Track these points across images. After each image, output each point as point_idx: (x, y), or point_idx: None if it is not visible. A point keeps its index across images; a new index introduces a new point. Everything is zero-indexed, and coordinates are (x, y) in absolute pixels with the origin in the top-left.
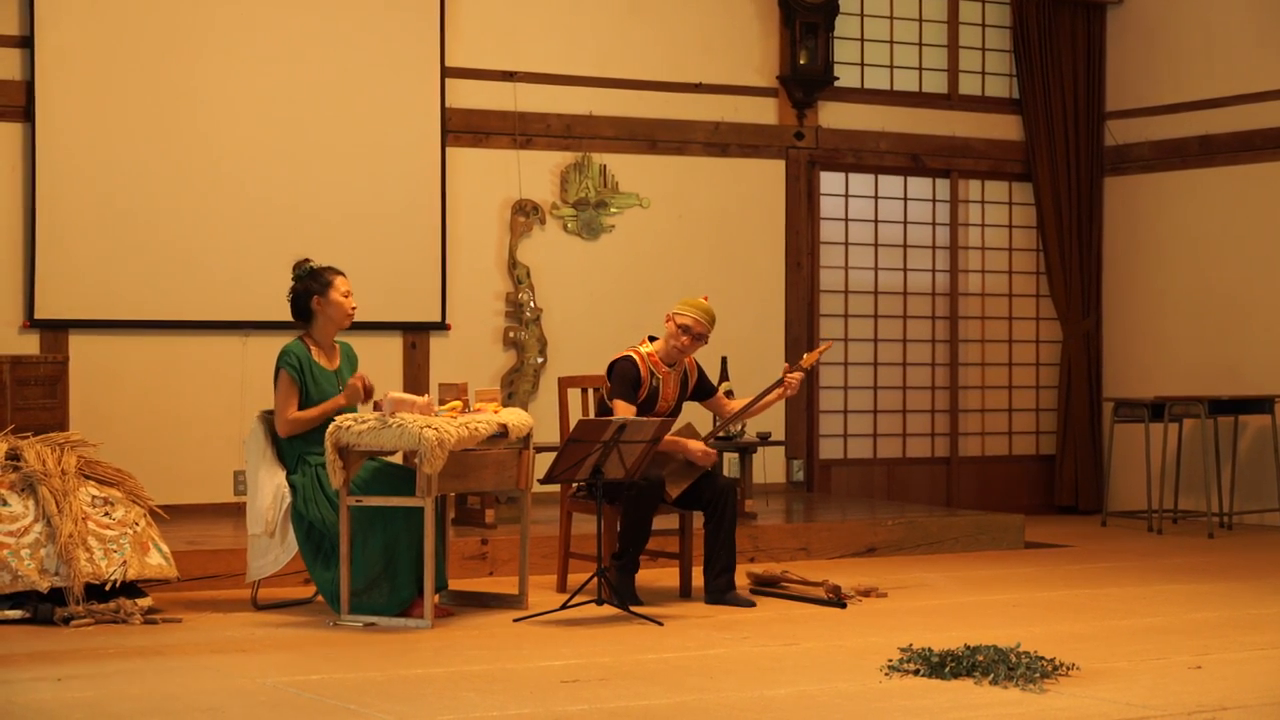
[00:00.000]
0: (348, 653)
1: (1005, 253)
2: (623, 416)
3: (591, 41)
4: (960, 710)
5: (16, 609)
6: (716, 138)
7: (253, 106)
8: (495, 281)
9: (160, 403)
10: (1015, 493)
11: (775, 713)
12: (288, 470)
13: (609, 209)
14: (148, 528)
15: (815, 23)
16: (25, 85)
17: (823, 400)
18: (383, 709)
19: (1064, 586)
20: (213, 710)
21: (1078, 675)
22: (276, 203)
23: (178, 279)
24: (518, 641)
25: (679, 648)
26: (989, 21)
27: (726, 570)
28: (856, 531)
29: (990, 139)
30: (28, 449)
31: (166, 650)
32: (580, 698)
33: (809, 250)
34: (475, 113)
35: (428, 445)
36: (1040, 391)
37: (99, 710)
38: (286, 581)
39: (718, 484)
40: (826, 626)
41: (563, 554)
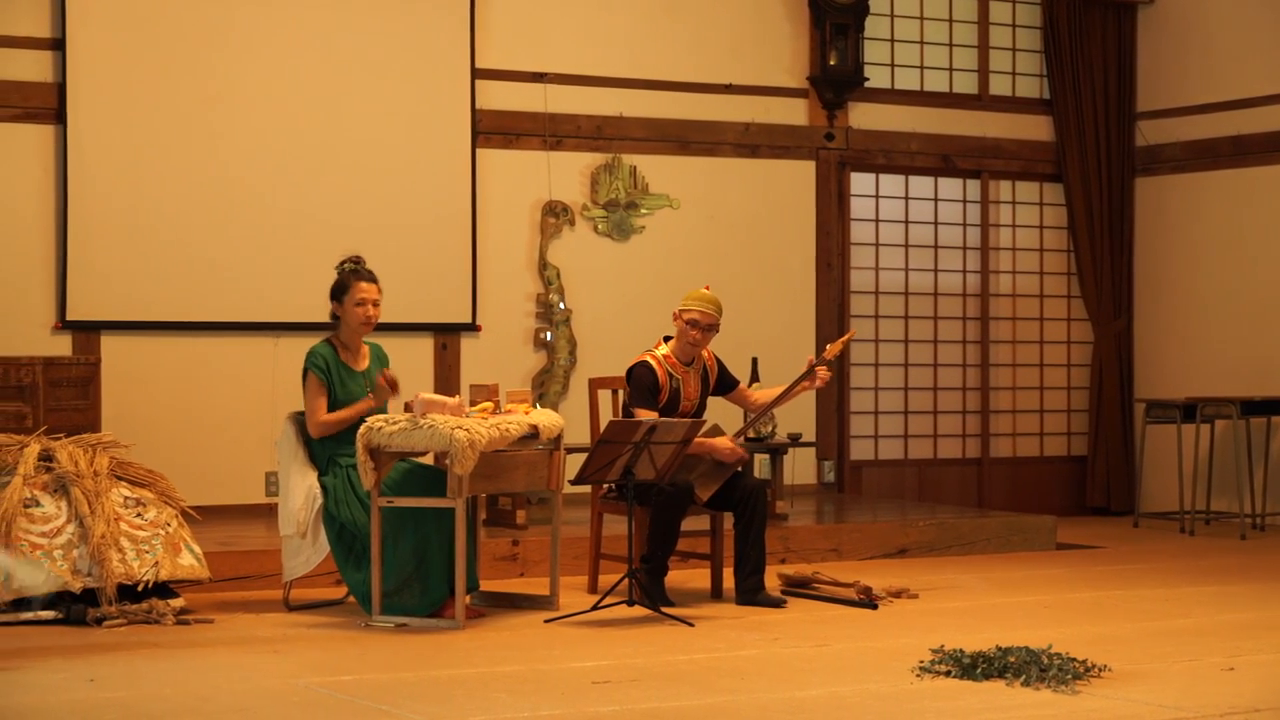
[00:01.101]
0: (379, 653)
1: (1036, 253)
2: (653, 417)
3: (622, 43)
4: (992, 712)
5: (49, 609)
6: (747, 139)
7: (284, 108)
8: (526, 283)
9: (192, 404)
10: (1047, 494)
11: (806, 714)
12: (319, 471)
13: (639, 210)
14: (180, 528)
15: (845, 23)
16: (56, 87)
17: (854, 401)
18: (414, 709)
19: (1096, 588)
20: (244, 711)
21: (1110, 677)
22: (307, 204)
23: (209, 280)
24: (549, 642)
25: (710, 649)
26: (1019, 22)
27: (757, 571)
28: (888, 533)
29: (1021, 139)
30: (60, 450)
31: (199, 651)
32: (611, 699)
33: (839, 251)
34: (506, 114)
35: (459, 446)
36: (1072, 392)
37: (131, 710)
38: (318, 582)
39: (748, 485)
40: (858, 628)
41: (594, 555)
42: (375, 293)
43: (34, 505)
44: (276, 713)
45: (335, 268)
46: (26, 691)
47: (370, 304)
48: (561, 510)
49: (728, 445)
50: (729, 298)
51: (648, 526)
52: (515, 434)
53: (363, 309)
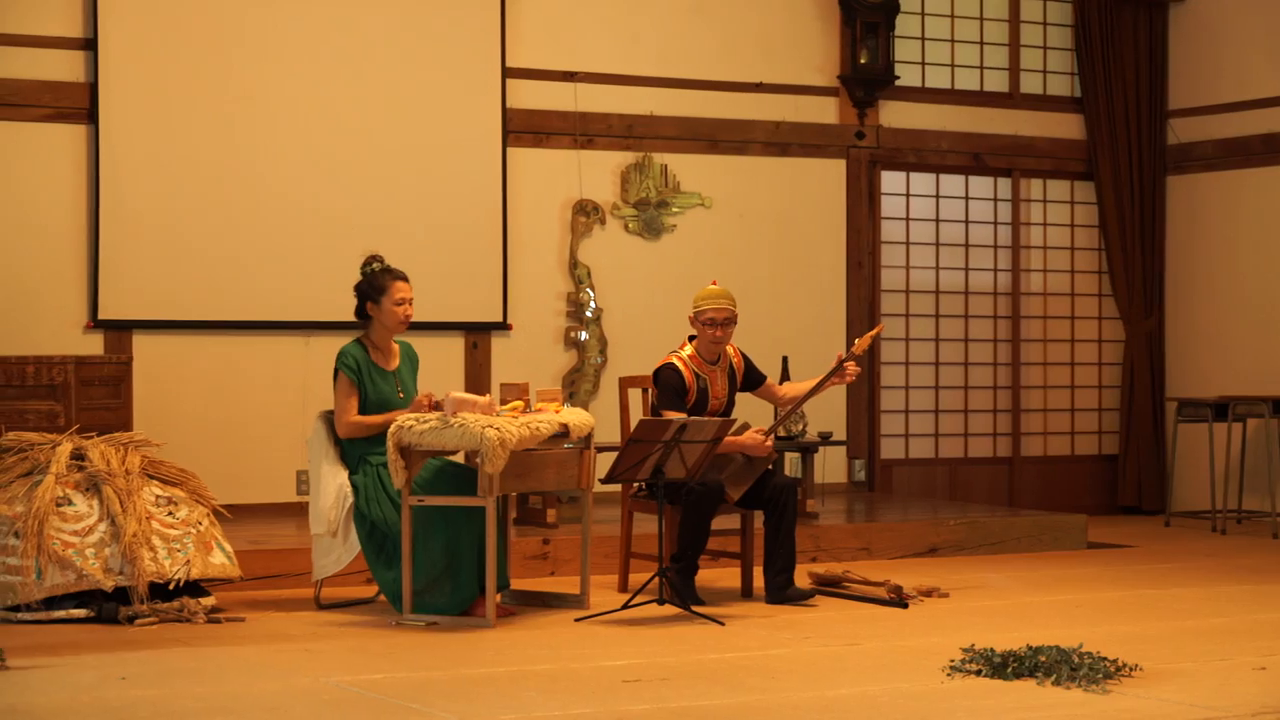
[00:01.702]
0: (410, 652)
1: (1067, 252)
2: (684, 416)
3: (652, 42)
4: (1023, 711)
5: (82, 608)
6: (777, 137)
7: (315, 108)
8: (556, 281)
9: (223, 403)
10: (1078, 493)
11: (837, 713)
12: (350, 470)
13: (670, 209)
14: (211, 527)
15: (876, 22)
16: (89, 87)
17: (884, 400)
18: (445, 708)
19: (1127, 587)
20: (275, 709)
21: (1141, 676)
22: (338, 203)
23: (240, 279)
24: (579, 641)
25: (740, 647)
26: (1051, 20)
27: (787, 569)
28: (918, 531)
29: (1052, 138)
30: (92, 449)
31: (230, 649)
32: (642, 697)
33: (870, 250)
34: (536, 113)
35: (489, 445)
36: (1103, 391)
37: (163, 708)
38: (349, 581)
39: (778, 483)
40: (888, 627)
41: (624, 554)
42: (411, 291)
43: (66, 504)
44: (307, 711)
45: (362, 268)
46: (59, 689)
47: (408, 303)
48: (592, 509)
49: (755, 438)
50: (759, 297)
51: (678, 525)
52: (546, 433)
53: (402, 309)
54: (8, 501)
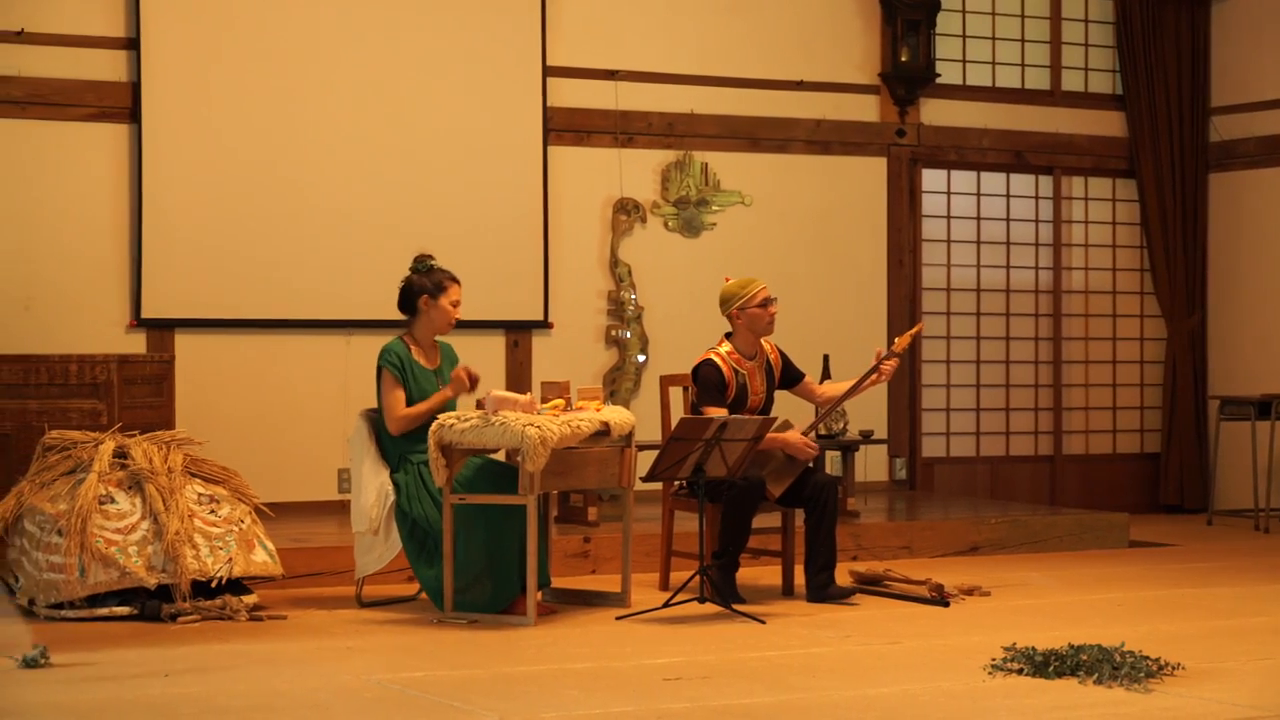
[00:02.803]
0: (451, 650)
1: (1109, 250)
2: (724, 414)
3: (693, 40)
4: (1064, 710)
5: (124, 605)
6: (818, 135)
7: (356, 107)
8: (597, 280)
9: (265, 401)
10: (1119, 491)
11: (878, 711)
12: (391, 468)
13: (710, 207)
14: (253, 525)
15: (917, 19)
16: (131, 87)
17: (925, 398)
18: (486, 706)
19: (1169, 586)
20: (318, 707)
21: (1183, 675)
22: (379, 202)
23: (282, 278)
24: (620, 639)
25: (781, 646)
26: (1092, 17)
27: (828, 567)
28: (959, 530)
29: (1093, 135)
30: (135, 447)
31: (272, 647)
32: (683, 696)
33: (911, 248)
34: (577, 111)
35: (530, 443)
36: (1145, 389)
37: (206, 706)
38: (390, 579)
39: (819, 481)
40: (929, 625)
41: (665, 552)
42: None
43: (109, 502)
44: (349, 709)
45: (414, 267)
46: (102, 687)
47: (459, 306)
48: (633, 507)
49: (800, 439)
50: (800, 295)
51: (719, 522)
52: (586, 431)
53: (455, 310)
54: (51, 499)
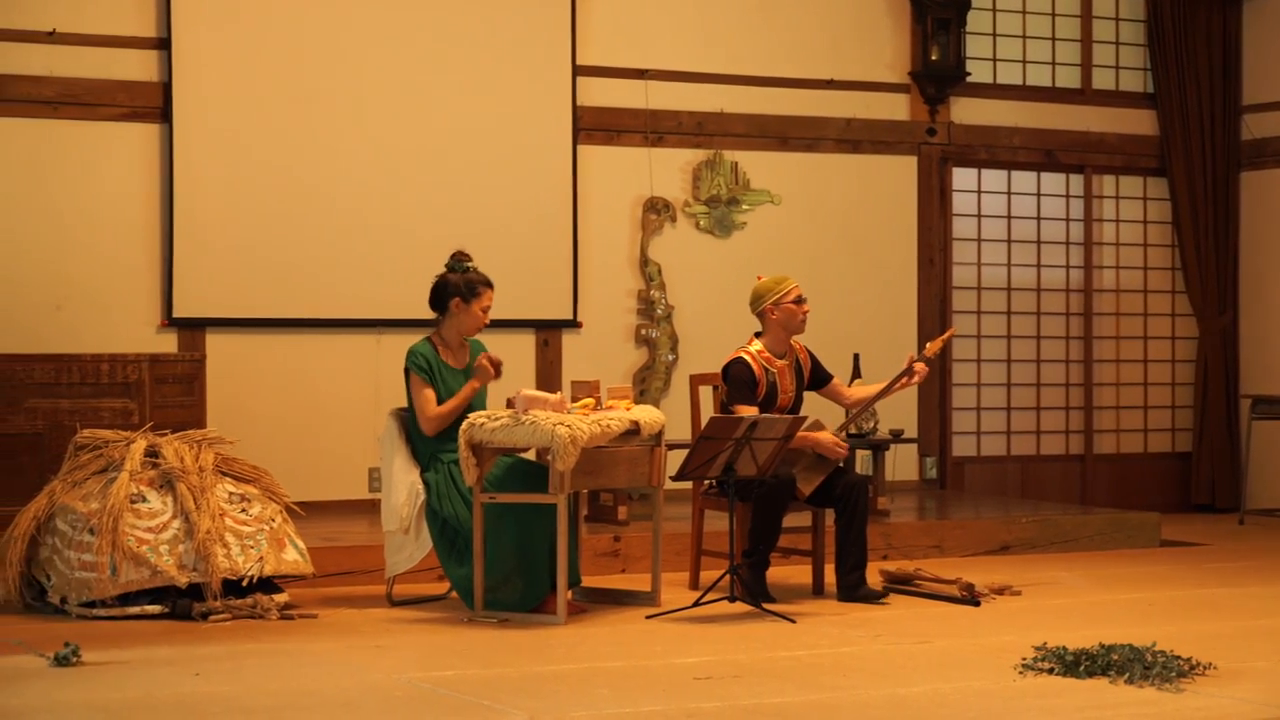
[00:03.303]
0: (481, 649)
1: (1140, 248)
2: (754, 414)
3: (723, 39)
4: (1095, 710)
5: (156, 604)
6: (848, 134)
7: (386, 106)
8: (627, 279)
9: (296, 400)
10: (1151, 490)
11: (909, 711)
12: (422, 467)
13: (740, 206)
14: (284, 524)
15: (947, 18)
16: (163, 87)
17: (956, 397)
18: (516, 705)
19: (1200, 585)
20: (348, 705)
21: (1214, 675)
22: (409, 201)
23: (312, 277)
24: (650, 638)
25: (812, 645)
26: (1123, 15)
27: (858, 567)
28: (990, 529)
29: (1125, 134)
30: (166, 446)
31: (303, 646)
32: (713, 695)
33: (941, 247)
34: (607, 111)
35: (560, 442)
36: (1176, 388)
37: (236, 704)
38: (421, 578)
39: (849, 480)
40: (960, 625)
41: (695, 551)
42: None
43: (140, 501)
44: (380, 708)
45: (451, 265)
46: (133, 686)
47: (489, 311)
48: (663, 506)
49: (831, 439)
50: (830, 294)
51: (749, 521)
52: (616, 430)
53: (485, 315)
54: (83, 498)
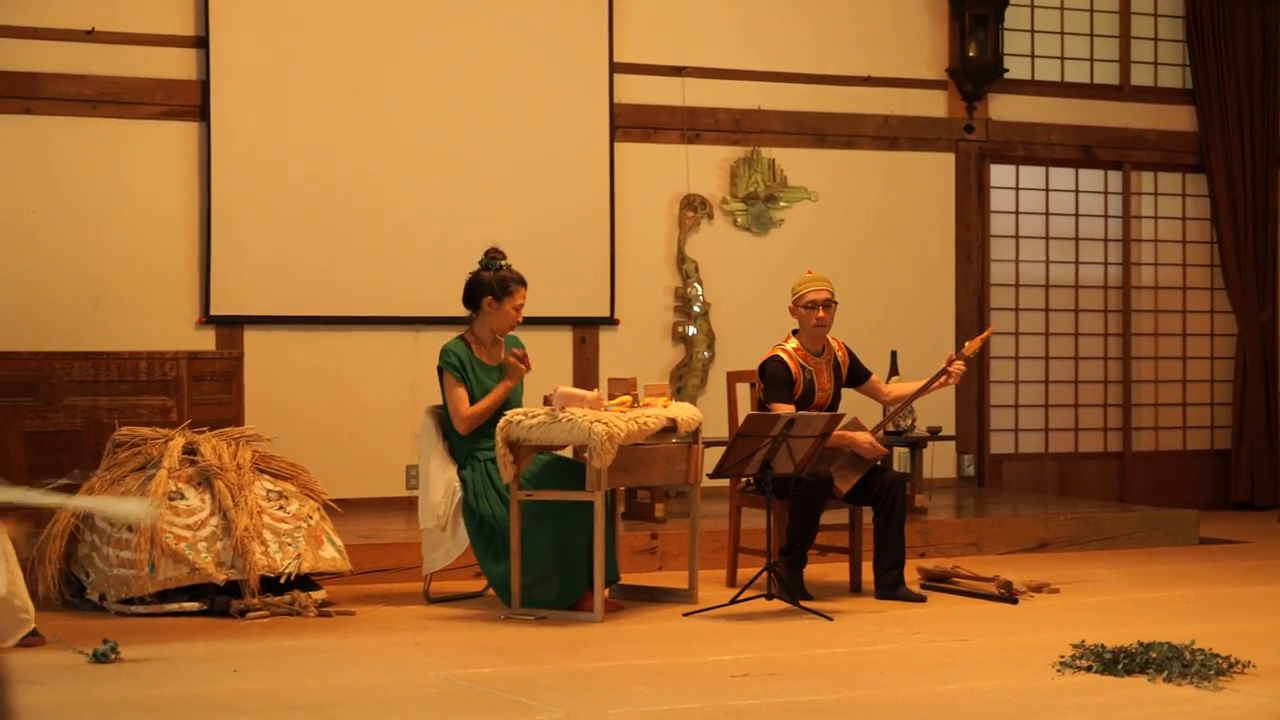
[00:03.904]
0: (518, 646)
1: (1179, 245)
2: (792, 411)
3: (760, 36)
4: (1133, 708)
5: (194, 601)
6: (885, 131)
7: (423, 104)
8: (664, 276)
9: (333, 397)
10: (1189, 488)
11: (946, 709)
12: (459, 465)
13: (778, 203)
14: (321, 521)
15: (985, 14)
16: (200, 85)
17: (993, 394)
18: (553, 702)
19: (1239, 583)
20: (385, 702)
21: (1253, 673)
22: (447, 199)
23: (350, 275)
24: (687, 636)
25: (849, 643)
26: (1162, 11)
27: (896, 565)
28: (1028, 527)
29: (1163, 130)
30: (204, 443)
31: (340, 642)
32: (750, 692)
33: (979, 243)
34: (644, 108)
35: (597, 440)
36: (1215, 385)
37: (274, 700)
38: (458, 575)
39: (887, 478)
40: (998, 622)
41: (732, 548)
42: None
43: (178, 498)
44: (417, 704)
45: (484, 263)
46: (171, 682)
47: (522, 309)
48: (700, 503)
49: (868, 439)
50: (868, 290)
51: (787, 519)
52: (653, 427)
53: (518, 314)
54: (121, 496)
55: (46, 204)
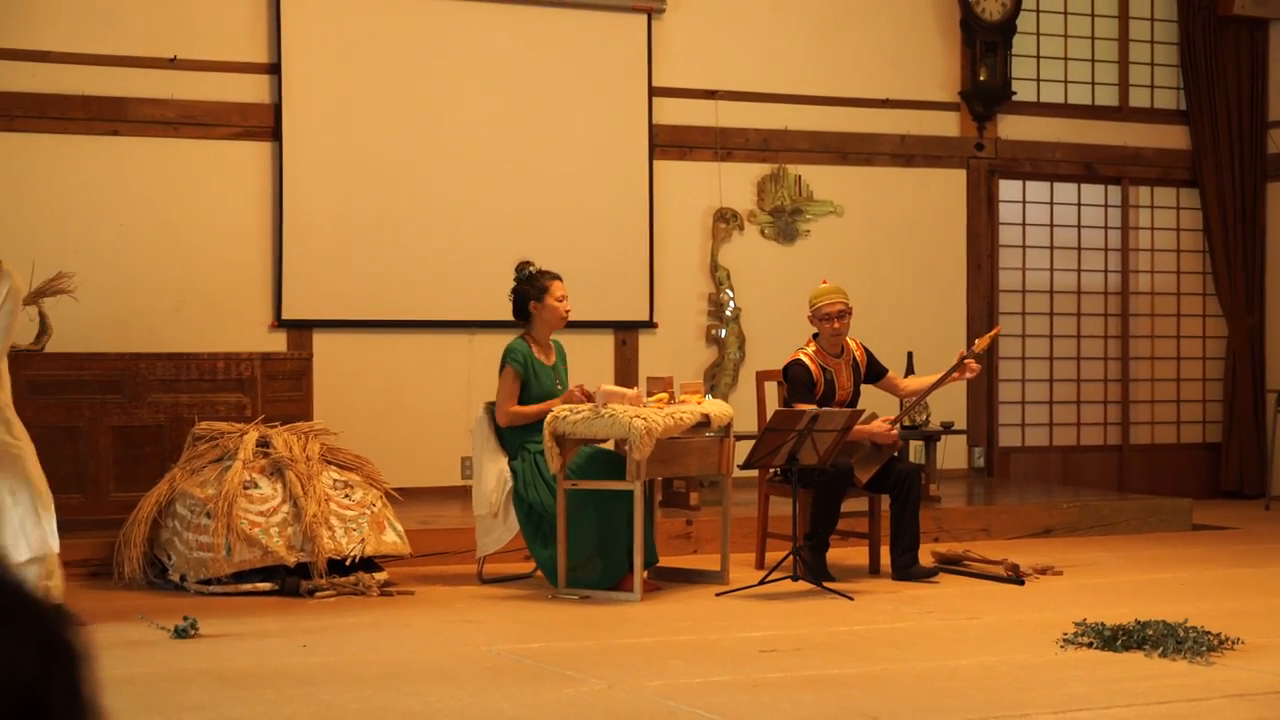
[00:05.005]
0: (564, 623)
1: (1173, 254)
2: (815, 407)
3: (786, 62)
4: (1131, 681)
5: (266, 581)
6: (903, 149)
7: (478, 125)
8: (698, 283)
9: (394, 395)
10: (1183, 478)
11: (958, 682)
12: (510, 456)
13: (803, 216)
14: (384, 508)
15: (994, 41)
16: (273, 108)
17: (1002, 392)
18: (596, 675)
19: (1229, 566)
20: (442, 675)
21: (1242, 649)
22: (500, 213)
23: (410, 282)
24: (720, 614)
25: (868, 621)
26: (1158, 38)
27: (912, 549)
28: (1034, 514)
29: (1159, 148)
30: (276, 437)
31: (401, 619)
32: (777, 666)
33: (989, 253)
34: (680, 128)
35: (637, 434)
36: (1207, 383)
37: (340, 673)
38: (508, 558)
39: (904, 469)
40: (1006, 602)
41: (761, 534)
42: (566, 289)
43: (253, 487)
44: (471, 677)
45: (517, 275)
46: (246, 656)
47: (566, 299)
48: (731, 492)
49: (883, 426)
50: (886, 296)
51: (811, 506)
52: (689, 422)
53: (563, 304)
54: (200, 485)
55: (133, 218)
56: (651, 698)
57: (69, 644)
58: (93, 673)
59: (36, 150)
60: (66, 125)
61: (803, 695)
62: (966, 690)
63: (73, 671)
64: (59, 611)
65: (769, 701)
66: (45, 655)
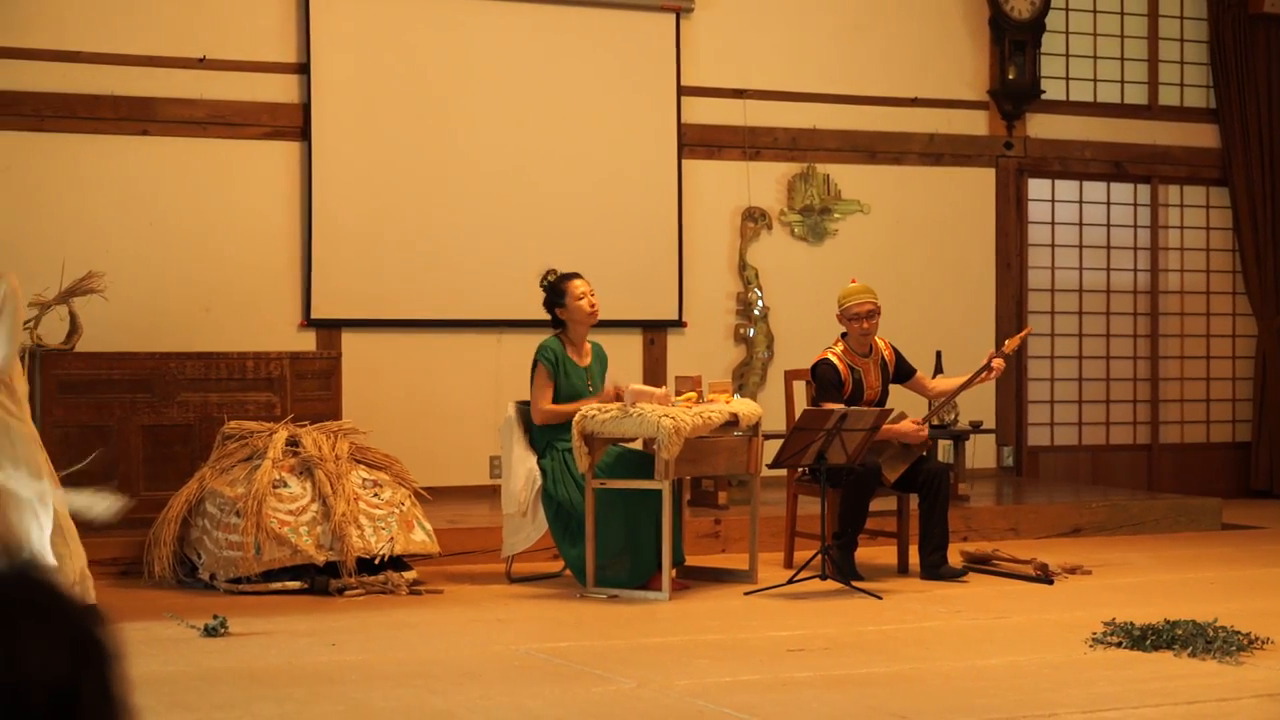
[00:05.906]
0: (593, 622)
1: (1203, 253)
2: (843, 406)
3: (815, 61)
4: (1160, 680)
5: (296, 580)
6: (931, 148)
7: (508, 124)
8: (727, 282)
9: (423, 394)
10: (1212, 478)
11: (986, 681)
12: (538, 455)
13: (832, 215)
14: (412, 507)
15: (1023, 40)
16: (302, 108)
17: (1031, 391)
18: (624, 674)
19: (1259, 565)
20: (471, 674)
21: (1272, 649)
22: (529, 212)
23: (439, 282)
24: (748, 613)
25: (896, 620)
26: (1187, 36)
27: (940, 548)
28: (1063, 513)
29: (1189, 146)
30: (305, 436)
31: (429, 618)
32: (805, 666)
33: (1018, 252)
34: (709, 128)
35: (666, 433)
36: (1236, 383)
37: (369, 671)
38: (537, 557)
39: (932, 468)
40: (1034, 601)
41: (789, 533)
42: (588, 285)
43: (282, 486)
44: (500, 675)
45: (542, 286)
46: (275, 654)
47: (589, 295)
48: (759, 491)
49: (911, 425)
50: (915, 296)
51: (839, 505)
52: (717, 422)
53: (585, 300)
54: (230, 484)
55: (163, 218)
56: (680, 697)
57: (100, 642)
58: (123, 671)
59: (66, 150)
60: (96, 125)
61: (831, 695)
62: (995, 690)
63: (104, 669)
64: (91, 610)
65: (797, 701)
66: (77, 653)
